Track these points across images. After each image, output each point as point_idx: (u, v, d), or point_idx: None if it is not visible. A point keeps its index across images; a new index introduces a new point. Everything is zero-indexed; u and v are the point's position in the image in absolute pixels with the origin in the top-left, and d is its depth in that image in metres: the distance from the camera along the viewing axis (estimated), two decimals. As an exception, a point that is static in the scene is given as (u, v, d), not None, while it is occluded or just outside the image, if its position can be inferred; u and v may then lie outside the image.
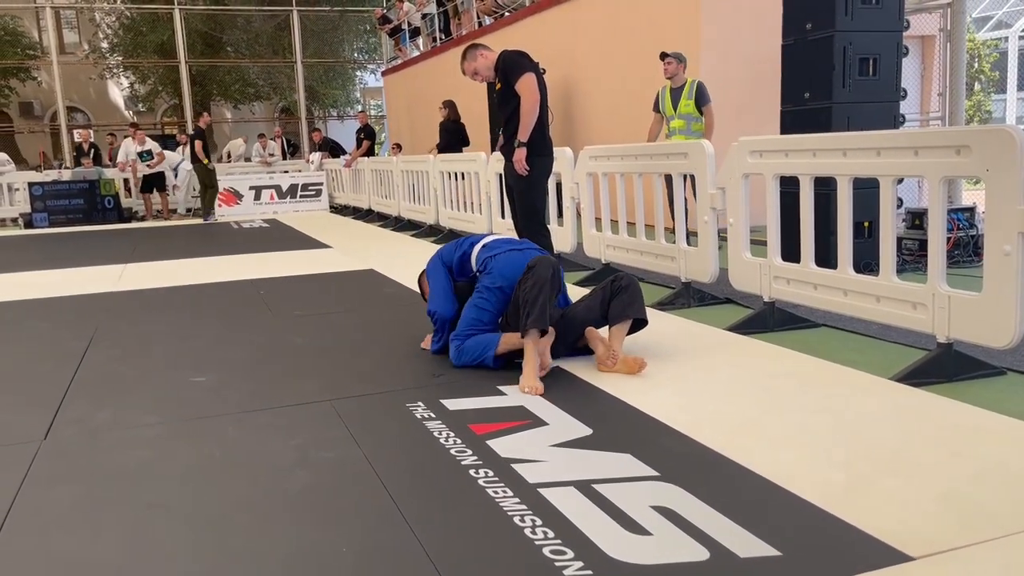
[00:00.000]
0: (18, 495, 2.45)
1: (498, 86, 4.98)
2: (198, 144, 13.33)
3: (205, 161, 13.45)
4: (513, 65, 4.88)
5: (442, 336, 3.89)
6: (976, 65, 25.68)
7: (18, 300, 6.17)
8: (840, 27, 5.32)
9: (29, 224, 13.83)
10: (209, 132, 16.00)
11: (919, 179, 6.50)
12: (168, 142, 18.44)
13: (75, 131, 19.00)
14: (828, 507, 2.14)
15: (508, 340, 3.55)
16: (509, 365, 3.54)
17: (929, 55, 8.70)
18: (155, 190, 14.51)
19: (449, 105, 11.29)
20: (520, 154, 4.91)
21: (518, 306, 3.48)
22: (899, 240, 5.26)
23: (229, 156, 18.12)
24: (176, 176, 14.90)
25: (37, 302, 6.06)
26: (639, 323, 3.64)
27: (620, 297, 3.59)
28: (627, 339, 3.64)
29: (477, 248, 3.90)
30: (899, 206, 4.89)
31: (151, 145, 14.44)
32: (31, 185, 14.04)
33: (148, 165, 14.19)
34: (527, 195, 5.09)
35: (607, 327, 3.65)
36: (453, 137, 11.11)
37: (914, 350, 3.67)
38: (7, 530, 2.23)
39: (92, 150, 15.58)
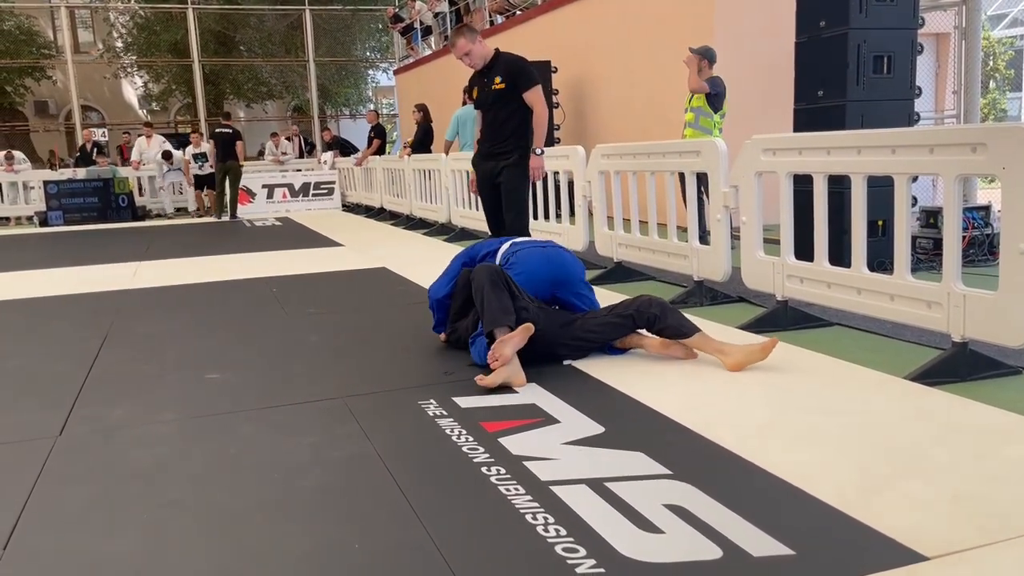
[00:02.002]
0: (33, 492, 2.47)
1: (498, 83, 5.05)
2: (239, 144, 13.41)
3: (242, 162, 13.58)
4: (526, 72, 5.06)
5: (436, 316, 4.14)
6: (991, 63, 25.51)
7: (33, 298, 6.21)
8: (854, 24, 5.29)
9: (44, 222, 13.92)
10: None
11: (934, 177, 6.45)
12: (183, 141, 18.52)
13: (88, 130, 19.11)
14: (842, 507, 2.13)
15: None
16: (526, 364, 3.51)
17: (944, 53, 8.63)
18: (206, 187, 14.54)
19: (422, 109, 12.20)
20: (540, 161, 5.14)
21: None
22: (913, 239, 5.23)
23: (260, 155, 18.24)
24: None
25: (52, 300, 6.11)
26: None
27: (667, 321, 3.54)
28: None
29: (505, 245, 4.04)
30: (913, 204, 4.86)
31: (206, 148, 14.52)
32: (46, 183, 14.14)
33: (200, 167, 14.31)
34: (517, 193, 5.21)
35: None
36: (426, 137, 11.93)
37: (929, 349, 3.65)
38: (22, 527, 2.24)
39: (95, 149, 15.64)
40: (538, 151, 5.08)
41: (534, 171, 5.08)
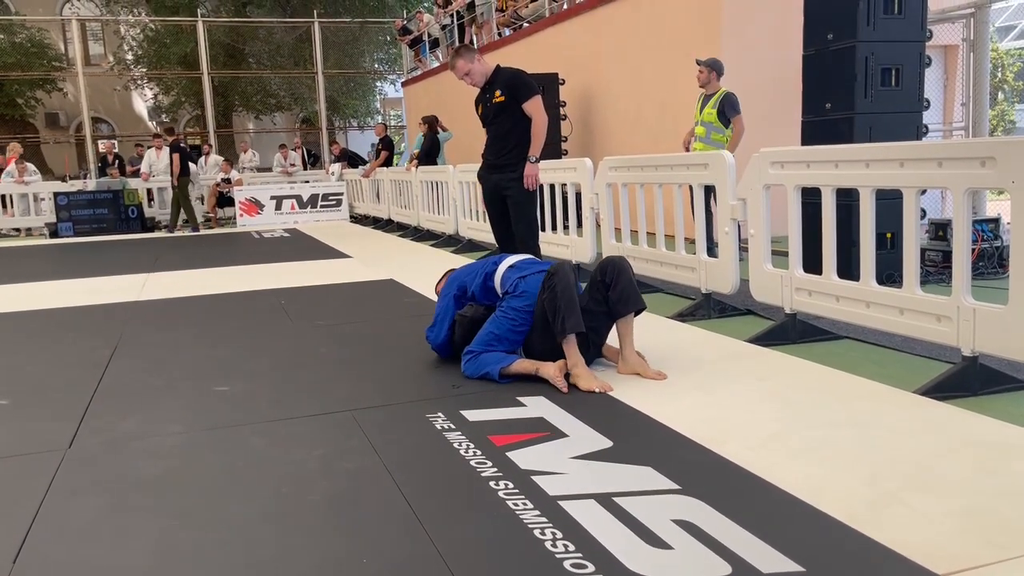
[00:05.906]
0: (43, 504, 2.48)
1: (498, 96, 5.12)
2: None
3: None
4: (525, 84, 5.13)
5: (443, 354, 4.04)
6: (999, 75, 25.49)
7: (43, 309, 6.24)
8: (862, 37, 5.30)
9: (54, 233, 13.99)
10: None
11: (942, 190, 6.44)
12: (192, 152, 18.62)
13: (100, 142, 19.27)
14: (852, 522, 2.12)
15: (523, 365, 3.54)
16: (527, 378, 3.53)
17: (952, 65, 8.63)
18: (224, 206, 15.13)
19: (429, 121, 12.58)
20: (534, 169, 5.12)
21: (541, 320, 3.51)
22: (922, 252, 5.22)
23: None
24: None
25: (62, 311, 6.13)
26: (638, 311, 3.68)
27: (613, 291, 3.63)
28: (649, 350, 3.63)
29: (503, 268, 3.86)
30: (922, 217, 4.84)
31: (233, 172, 14.97)
32: (56, 195, 14.21)
33: (222, 186, 15.02)
34: (526, 207, 5.26)
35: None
36: (432, 149, 12.24)
37: (938, 363, 3.63)
38: (32, 539, 2.25)
39: (116, 161, 15.77)
40: (532, 159, 5.11)
41: (527, 178, 5.11)
